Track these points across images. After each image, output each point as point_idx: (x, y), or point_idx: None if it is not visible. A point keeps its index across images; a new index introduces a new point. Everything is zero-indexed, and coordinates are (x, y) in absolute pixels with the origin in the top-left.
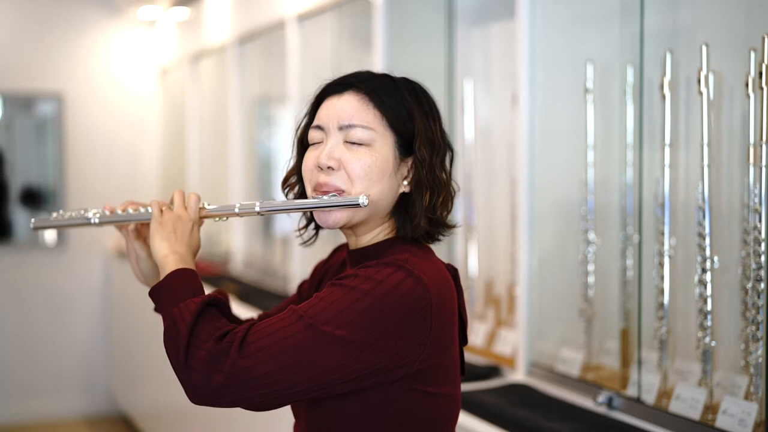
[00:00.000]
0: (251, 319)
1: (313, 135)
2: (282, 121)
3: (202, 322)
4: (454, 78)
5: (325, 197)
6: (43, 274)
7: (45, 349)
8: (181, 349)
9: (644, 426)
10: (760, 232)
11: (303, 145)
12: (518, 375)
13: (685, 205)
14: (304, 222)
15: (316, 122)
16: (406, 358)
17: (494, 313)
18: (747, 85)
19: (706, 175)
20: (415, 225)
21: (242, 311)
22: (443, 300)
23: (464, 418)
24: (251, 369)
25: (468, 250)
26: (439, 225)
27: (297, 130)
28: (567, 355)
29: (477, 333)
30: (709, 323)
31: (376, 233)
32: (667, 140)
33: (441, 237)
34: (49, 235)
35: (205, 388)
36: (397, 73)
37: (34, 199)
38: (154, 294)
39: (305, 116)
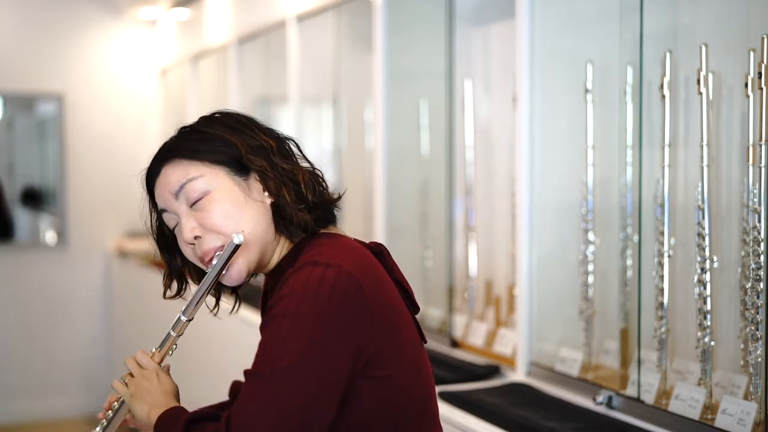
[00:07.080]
0: None
1: (167, 219)
2: (282, 121)
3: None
4: (454, 78)
5: (213, 262)
6: (43, 273)
7: (45, 349)
8: None
9: (643, 425)
10: (759, 232)
11: (165, 239)
12: (518, 375)
13: (685, 205)
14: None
15: (159, 208)
16: (361, 342)
17: (494, 313)
18: (746, 85)
19: (706, 176)
20: (296, 223)
21: (242, 311)
22: (366, 274)
23: (464, 418)
24: None
25: (468, 250)
26: (319, 204)
27: (152, 234)
28: (567, 355)
29: (477, 333)
30: (708, 323)
31: (279, 252)
32: (667, 140)
33: (335, 211)
34: (50, 235)
35: None
36: (396, 72)
37: (34, 199)
38: None
39: (150, 214)
